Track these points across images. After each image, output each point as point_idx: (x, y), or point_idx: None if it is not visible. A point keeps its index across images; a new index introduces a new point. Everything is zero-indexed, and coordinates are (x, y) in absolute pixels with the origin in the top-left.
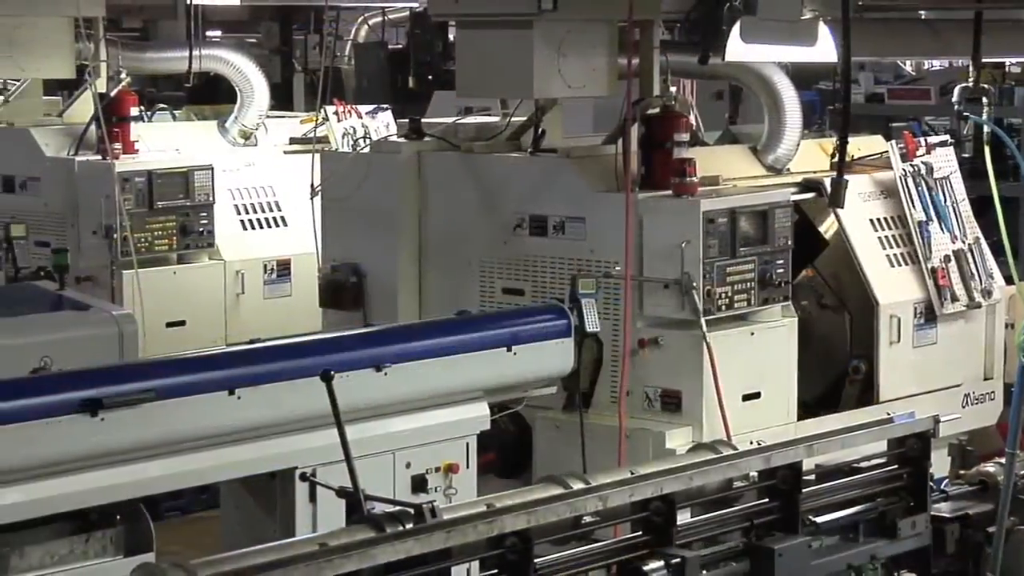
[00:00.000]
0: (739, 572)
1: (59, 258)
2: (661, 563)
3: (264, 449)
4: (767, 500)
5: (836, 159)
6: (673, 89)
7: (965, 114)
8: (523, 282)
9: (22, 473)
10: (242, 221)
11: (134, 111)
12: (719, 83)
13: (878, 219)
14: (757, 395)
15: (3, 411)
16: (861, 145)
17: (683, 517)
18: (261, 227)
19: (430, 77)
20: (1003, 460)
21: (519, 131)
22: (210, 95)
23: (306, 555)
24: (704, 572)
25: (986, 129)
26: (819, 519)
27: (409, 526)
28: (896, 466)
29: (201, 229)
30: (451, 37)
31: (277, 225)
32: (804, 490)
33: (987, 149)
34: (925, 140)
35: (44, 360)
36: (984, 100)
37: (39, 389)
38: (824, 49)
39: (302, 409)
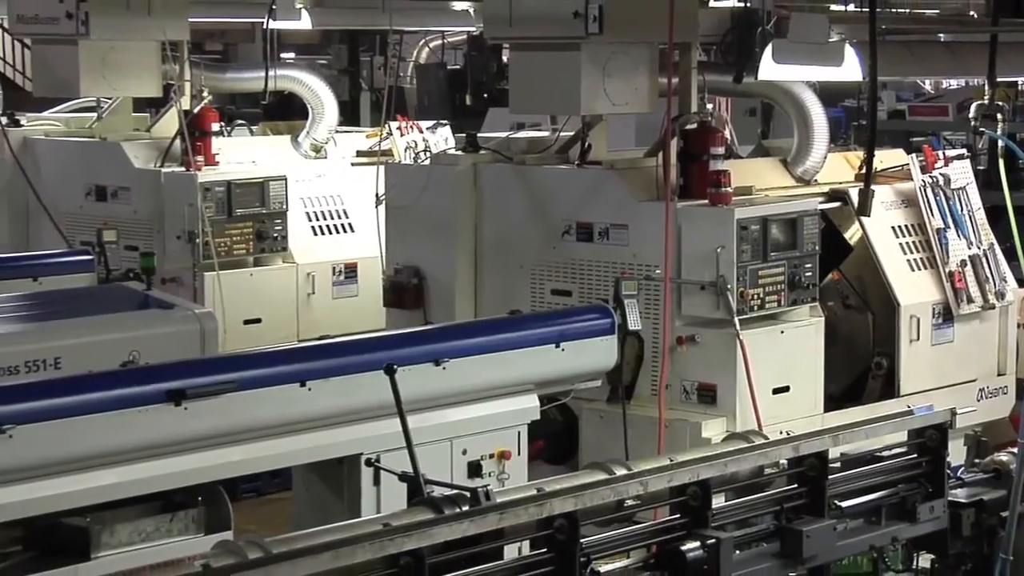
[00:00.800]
0: (769, 552)
1: (146, 261)
2: (697, 543)
3: (333, 437)
4: (796, 486)
5: (863, 171)
6: (709, 106)
7: (981, 129)
8: (570, 284)
9: (113, 457)
10: (313, 227)
11: (215, 127)
12: (752, 101)
13: (899, 226)
14: (786, 389)
15: (96, 401)
16: (884, 158)
17: (718, 501)
18: (330, 233)
19: (485, 95)
20: (1015, 450)
21: (567, 145)
22: (284, 112)
23: (371, 534)
24: (737, 552)
25: (1000, 143)
26: (844, 503)
27: (465, 508)
28: (916, 455)
29: (275, 235)
30: (505, 58)
31: (345, 231)
32: (830, 477)
33: (1001, 162)
34: (943, 153)
35: (133, 354)
36: (998, 116)
37: (129, 381)
38: (849, 69)
39: (367, 400)
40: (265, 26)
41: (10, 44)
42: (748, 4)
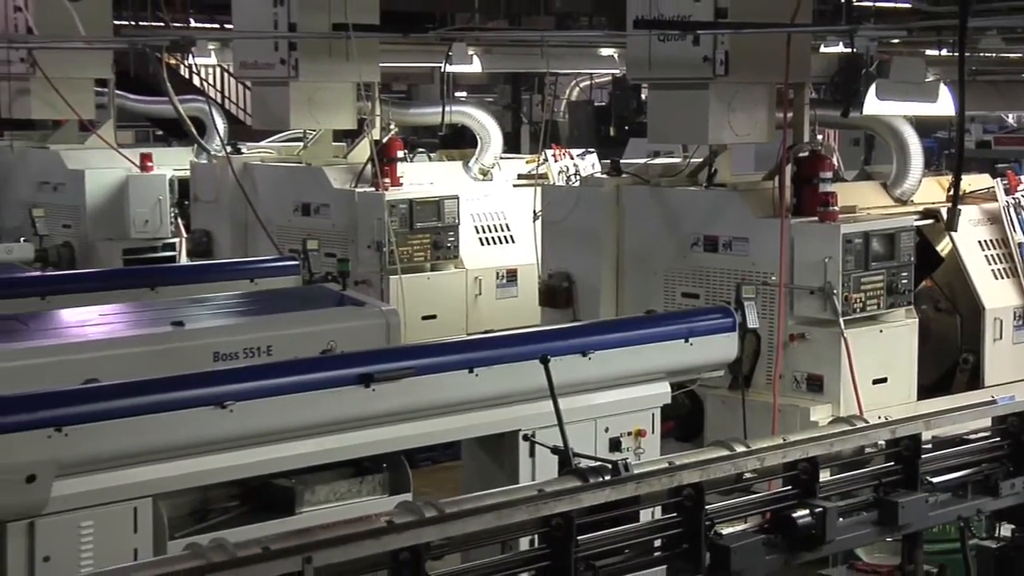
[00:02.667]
0: (869, 520)
1: (342, 266)
2: (807, 511)
3: (495, 415)
4: (892, 463)
5: (952, 193)
6: (820, 137)
7: None
8: (698, 288)
9: (313, 429)
10: (480, 239)
11: (400, 154)
12: (856, 132)
13: (985, 241)
14: (884, 380)
15: (301, 382)
16: (971, 182)
17: (824, 476)
18: (495, 243)
19: (626, 127)
20: None
21: (696, 169)
22: (457, 141)
23: (527, 498)
24: (840, 519)
25: None
26: (935, 479)
27: (607, 478)
28: (999, 438)
29: (449, 244)
30: (644, 96)
31: (507, 242)
32: (923, 456)
33: None
34: None
35: (330, 344)
36: None
37: (327, 366)
38: (944, 105)
39: (525, 385)
40: (442, 69)
41: (234, 86)
42: (854, 49)
